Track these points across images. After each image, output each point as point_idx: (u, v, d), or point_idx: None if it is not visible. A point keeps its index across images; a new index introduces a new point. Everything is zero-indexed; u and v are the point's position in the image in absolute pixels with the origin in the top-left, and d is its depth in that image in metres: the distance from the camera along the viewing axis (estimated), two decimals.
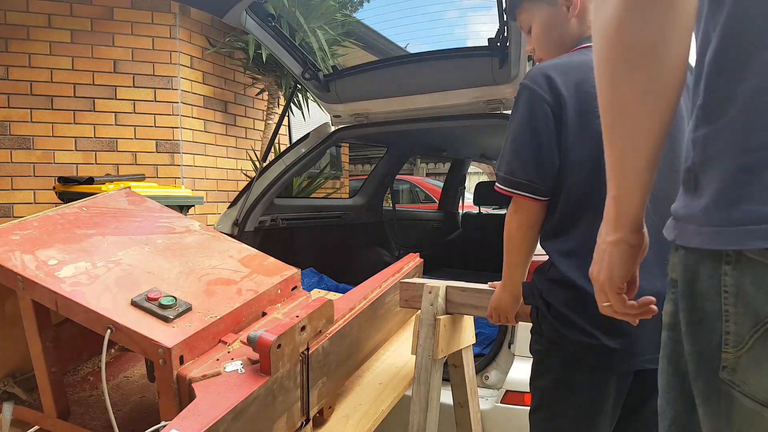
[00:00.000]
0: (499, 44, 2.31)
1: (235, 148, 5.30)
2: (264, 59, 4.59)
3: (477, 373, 1.88)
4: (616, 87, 0.75)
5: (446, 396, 1.73)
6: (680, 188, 0.80)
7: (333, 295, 2.23)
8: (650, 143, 0.76)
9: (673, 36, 0.71)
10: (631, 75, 0.73)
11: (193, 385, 1.14)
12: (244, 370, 1.19)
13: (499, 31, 2.28)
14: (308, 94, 4.96)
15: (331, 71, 2.89)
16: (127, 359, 1.65)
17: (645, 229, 0.85)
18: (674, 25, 0.70)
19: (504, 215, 1.34)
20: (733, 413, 0.70)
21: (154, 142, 4.57)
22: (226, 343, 1.28)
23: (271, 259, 1.60)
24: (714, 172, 0.70)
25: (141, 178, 4.05)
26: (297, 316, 1.28)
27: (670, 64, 0.72)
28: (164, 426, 1.05)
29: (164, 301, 1.25)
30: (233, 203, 2.96)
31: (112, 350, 1.63)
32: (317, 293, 2.37)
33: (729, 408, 0.70)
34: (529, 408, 1.41)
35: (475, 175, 12.36)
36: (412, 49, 2.96)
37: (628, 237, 0.84)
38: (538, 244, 1.34)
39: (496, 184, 1.29)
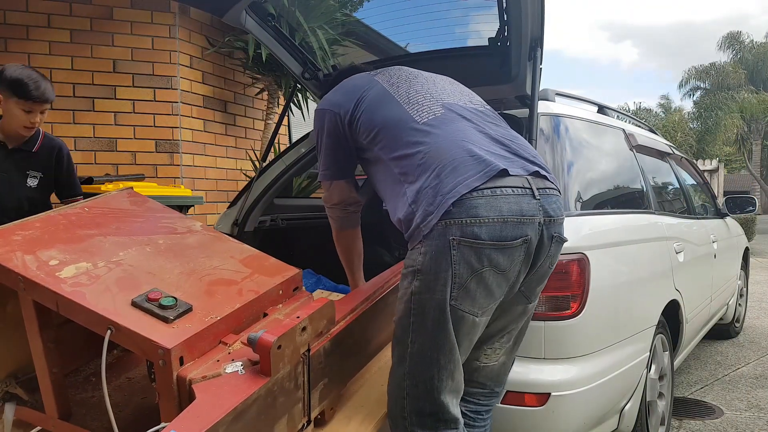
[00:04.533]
0: (499, 44, 2.30)
1: (235, 147, 5.29)
2: (264, 59, 4.58)
3: None
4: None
5: None
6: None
7: (334, 296, 2.23)
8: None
9: None
10: None
11: (193, 386, 1.14)
12: (244, 371, 1.19)
13: (500, 31, 2.27)
14: (308, 94, 4.95)
15: (331, 71, 2.88)
16: (129, 360, 1.65)
17: None
18: None
19: None
20: None
21: (154, 141, 4.56)
22: (226, 343, 1.28)
23: (273, 259, 1.59)
24: None
25: (140, 178, 4.05)
26: (298, 317, 1.27)
27: None
28: (164, 427, 1.05)
29: (165, 302, 1.25)
30: (233, 203, 2.96)
31: (115, 351, 1.63)
32: (320, 294, 2.37)
33: None
34: (529, 408, 1.42)
35: None
36: (413, 49, 2.95)
37: None
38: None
39: None
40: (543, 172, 1.50)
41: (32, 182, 2.43)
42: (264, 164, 2.98)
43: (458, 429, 1.48)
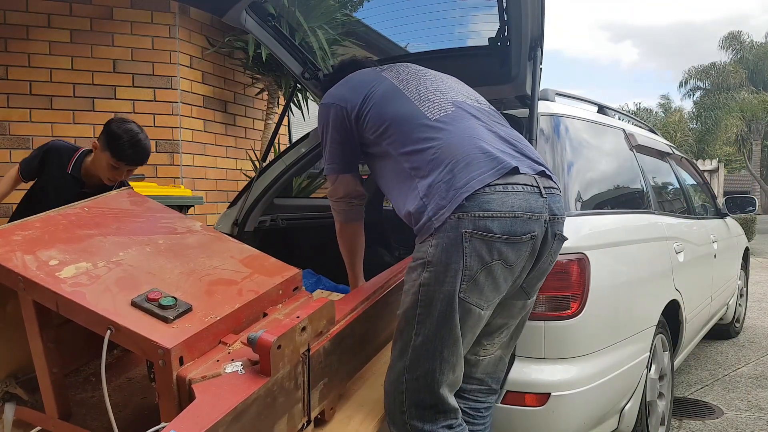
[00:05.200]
0: (499, 44, 2.30)
1: (235, 147, 5.30)
2: (264, 59, 4.59)
3: None
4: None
5: None
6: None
7: (334, 296, 2.23)
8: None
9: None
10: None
11: (192, 386, 1.14)
12: (244, 371, 1.19)
13: (500, 31, 2.27)
14: (308, 94, 4.96)
15: (331, 71, 2.88)
16: (129, 360, 1.65)
17: None
18: None
19: None
20: None
21: (154, 141, 4.53)
22: (226, 343, 1.28)
23: (273, 259, 1.59)
24: None
25: (140, 178, 4.04)
26: (298, 317, 1.27)
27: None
28: (164, 427, 1.05)
29: (164, 302, 1.25)
30: (233, 203, 2.96)
31: (115, 351, 1.63)
32: (320, 294, 2.37)
33: None
34: (529, 408, 1.43)
35: None
36: (413, 49, 2.96)
37: None
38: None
39: None
40: (548, 172, 1.55)
41: None
42: (264, 164, 2.98)
43: (458, 419, 1.50)
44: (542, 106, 2.25)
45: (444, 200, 1.41)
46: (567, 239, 1.60)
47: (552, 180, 1.55)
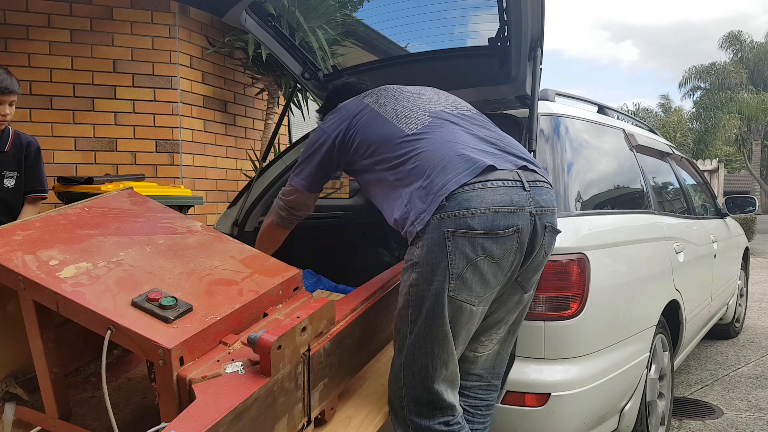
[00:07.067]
0: (499, 44, 2.30)
1: (235, 147, 5.29)
2: (264, 59, 4.59)
3: None
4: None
5: None
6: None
7: (334, 296, 2.23)
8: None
9: None
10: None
11: (193, 386, 1.14)
12: (244, 371, 1.19)
13: (500, 31, 2.27)
14: (308, 94, 4.96)
15: (331, 71, 2.88)
16: (129, 360, 1.65)
17: None
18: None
19: None
20: None
21: (154, 141, 4.56)
22: (226, 344, 1.28)
23: (273, 259, 1.59)
24: None
25: (140, 178, 4.05)
26: (298, 317, 1.28)
27: None
28: (164, 427, 1.05)
29: (165, 302, 1.25)
30: (233, 203, 2.96)
31: (115, 351, 1.63)
32: (320, 294, 2.37)
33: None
34: (529, 408, 1.43)
35: None
36: (413, 49, 2.97)
37: None
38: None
39: None
40: (532, 167, 1.58)
41: (9, 183, 2.42)
42: (264, 164, 2.98)
43: (455, 416, 1.54)
44: (542, 106, 2.26)
45: (424, 204, 1.48)
46: (560, 231, 1.63)
47: (537, 173, 1.59)
